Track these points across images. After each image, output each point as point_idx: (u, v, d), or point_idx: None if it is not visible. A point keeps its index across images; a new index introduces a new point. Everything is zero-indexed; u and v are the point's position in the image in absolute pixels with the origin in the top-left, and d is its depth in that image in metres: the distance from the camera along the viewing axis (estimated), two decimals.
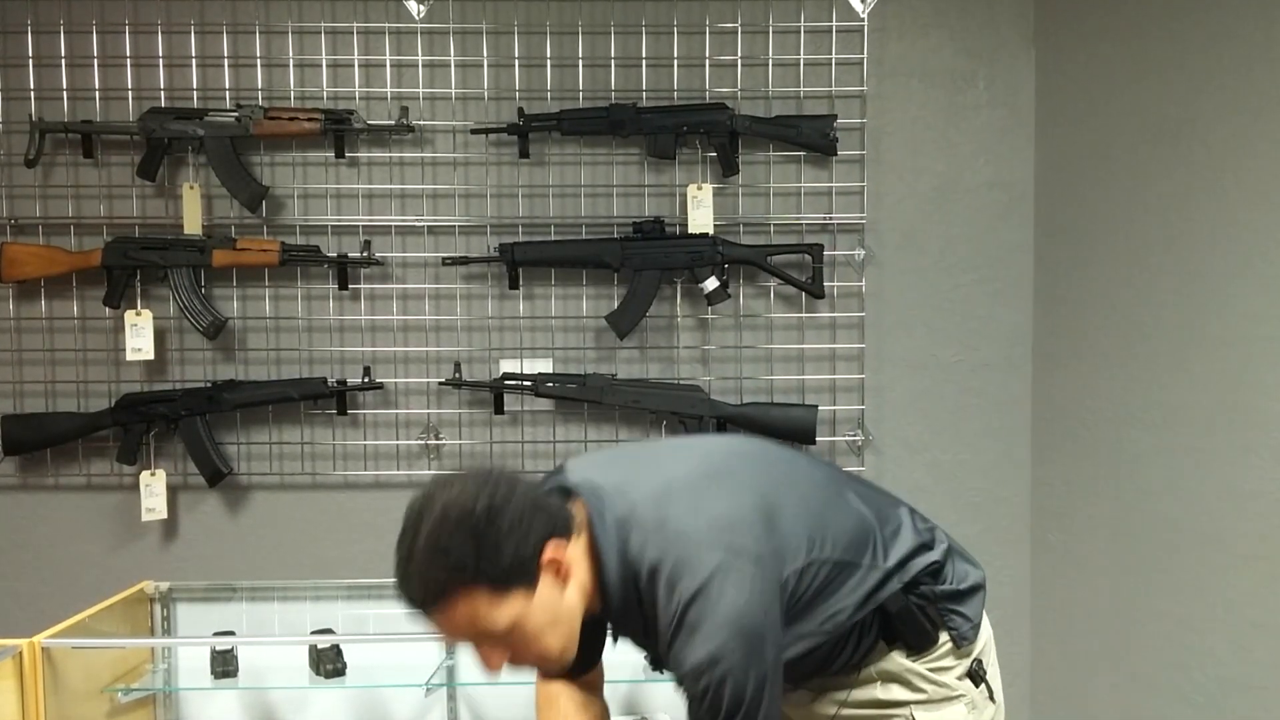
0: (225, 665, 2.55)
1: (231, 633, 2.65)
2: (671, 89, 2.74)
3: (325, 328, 2.78)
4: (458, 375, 2.74)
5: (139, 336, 2.68)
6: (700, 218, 2.70)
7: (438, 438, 2.80)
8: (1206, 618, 2.29)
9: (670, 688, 1.85)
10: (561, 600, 1.30)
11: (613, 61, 2.74)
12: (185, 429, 2.71)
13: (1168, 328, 2.39)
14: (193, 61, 2.74)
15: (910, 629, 1.48)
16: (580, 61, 2.74)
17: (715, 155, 2.73)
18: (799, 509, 1.39)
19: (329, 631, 2.62)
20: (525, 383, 2.73)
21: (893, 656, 1.50)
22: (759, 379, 2.80)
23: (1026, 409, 2.83)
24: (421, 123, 2.74)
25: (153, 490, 2.73)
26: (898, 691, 1.51)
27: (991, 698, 1.58)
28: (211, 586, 2.73)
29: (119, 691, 2.48)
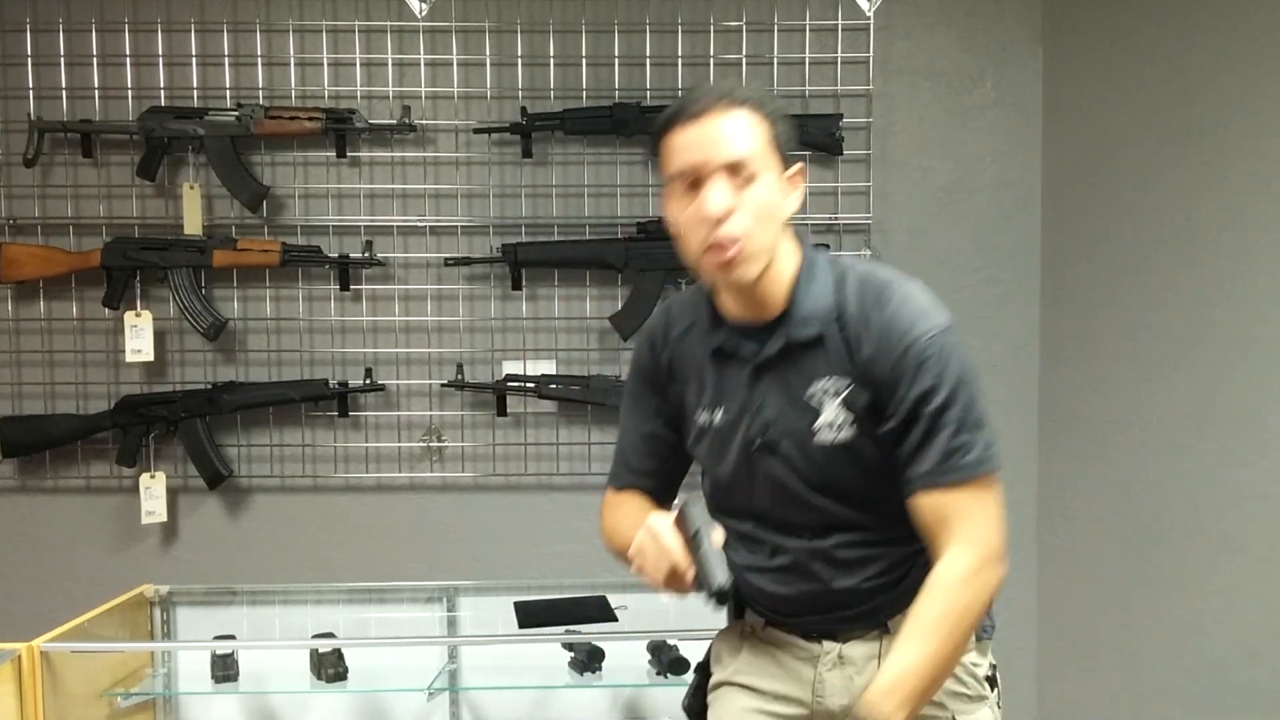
0: (226, 669, 2.53)
1: (232, 636, 2.64)
2: (676, 88, 2.73)
3: (326, 329, 2.77)
4: (460, 377, 2.73)
5: (138, 338, 2.68)
6: None
7: (440, 440, 2.79)
8: (1215, 621, 2.29)
9: (673, 691, 1.83)
10: (784, 210, 1.40)
11: (616, 60, 2.73)
12: (185, 431, 2.71)
13: (1176, 328, 2.39)
14: (193, 60, 2.73)
15: None
16: (584, 60, 2.73)
17: None
18: None
19: (330, 635, 2.62)
20: (528, 384, 2.72)
21: None
22: None
23: (1033, 409, 2.81)
24: (424, 122, 2.73)
25: (152, 493, 2.73)
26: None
27: (999, 703, 1.57)
28: (212, 590, 2.72)
29: (118, 696, 2.48)
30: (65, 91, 2.72)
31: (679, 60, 2.73)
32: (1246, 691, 2.20)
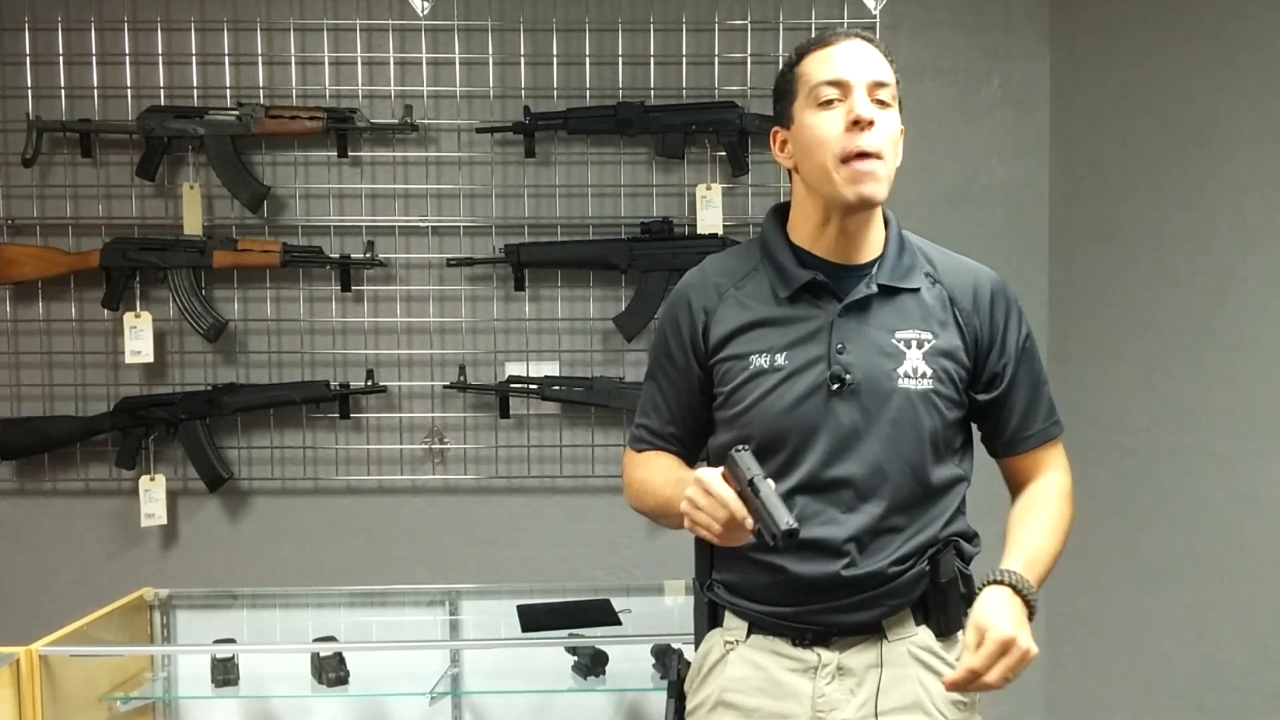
0: (226, 673, 2.51)
1: (232, 640, 2.61)
2: (680, 87, 2.73)
3: (328, 330, 2.77)
4: (462, 378, 2.72)
5: (138, 339, 2.67)
6: (709, 218, 2.68)
7: (442, 442, 2.78)
8: (1225, 625, 2.28)
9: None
10: (900, 149, 1.48)
11: (620, 59, 2.73)
12: (185, 433, 2.70)
13: (1185, 330, 2.38)
14: (193, 59, 2.72)
15: (950, 603, 1.47)
16: (587, 59, 2.72)
17: (725, 154, 2.70)
18: None
19: (331, 639, 2.59)
20: (531, 386, 2.71)
21: (921, 634, 1.47)
22: None
23: None
24: (426, 121, 2.72)
25: (152, 495, 2.72)
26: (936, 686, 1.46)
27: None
28: (212, 593, 2.71)
29: (118, 700, 2.46)
30: (64, 91, 2.71)
31: (683, 59, 2.72)
32: (1256, 694, 2.19)
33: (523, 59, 2.73)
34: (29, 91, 2.70)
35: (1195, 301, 2.35)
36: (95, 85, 2.71)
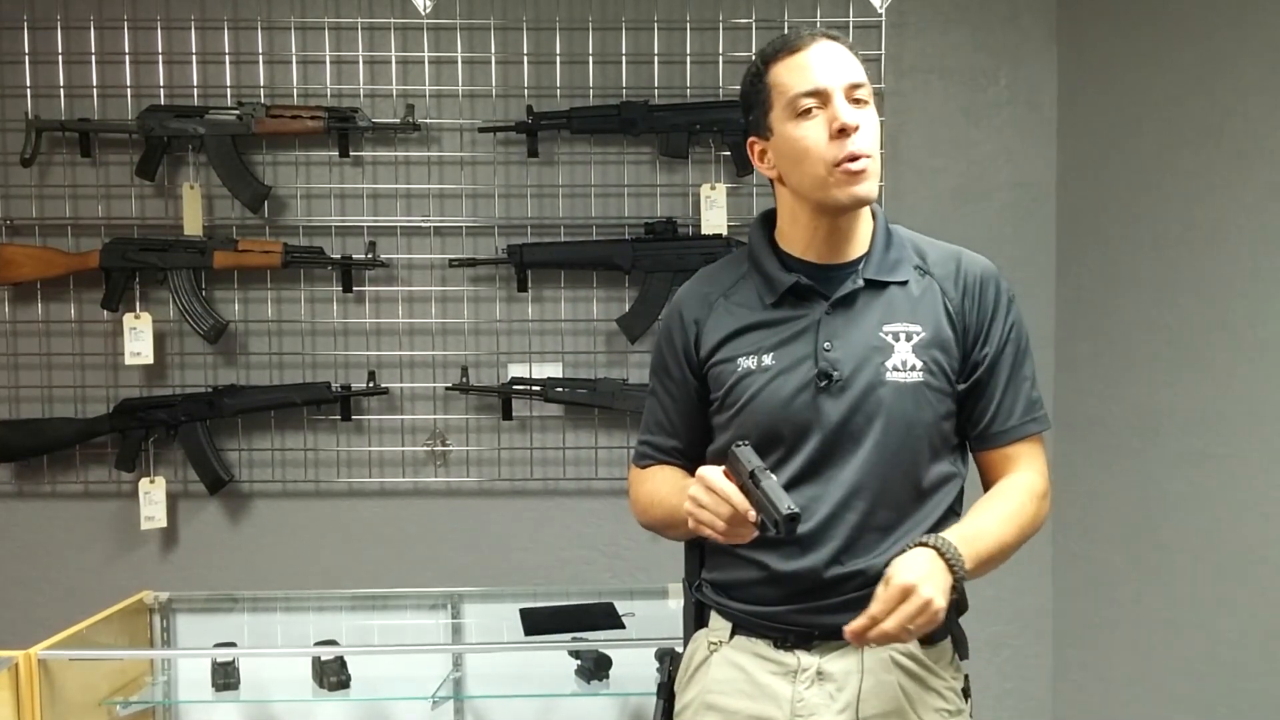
0: (226, 677, 2.52)
1: (233, 644, 2.62)
2: (684, 86, 2.71)
3: (329, 331, 2.76)
4: (465, 380, 2.71)
5: (138, 340, 2.66)
6: (714, 218, 2.67)
7: (444, 444, 2.77)
8: (1235, 630, 2.26)
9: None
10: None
11: (624, 58, 2.71)
12: (185, 435, 2.69)
13: (1194, 330, 2.37)
14: (193, 58, 2.71)
15: None
16: (590, 58, 2.71)
17: (729, 154, 2.70)
18: None
19: (333, 643, 2.60)
20: (534, 388, 2.71)
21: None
22: None
23: (1048, 414, 2.74)
24: (428, 121, 2.71)
25: (152, 498, 2.71)
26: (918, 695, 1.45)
27: (971, 714, 1.54)
28: (212, 597, 2.71)
29: (117, 704, 2.46)
30: (63, 90, 2.70)
31: (687, 58, 2.71)
32: (1265, 701, 2.18)
33: (526, 58, 2.72)
34: (28, 91, 2.69)
35: (1204, 302, 2.34)
36: (94, 84, 2.70)
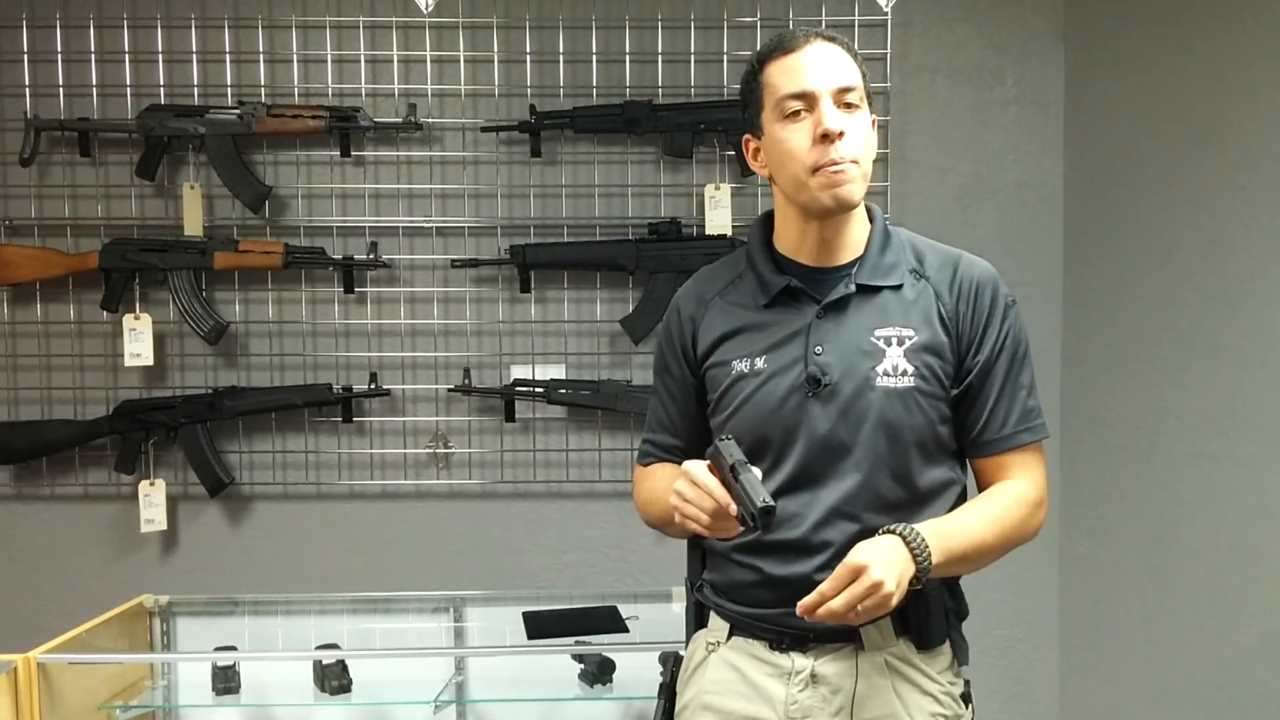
0: (227, 681, 2.51)
1: (233, 648, 2.62)
2: (688, 85, 2.70)
3: (330, 332, 2.75)
4: (467, 381, 2.71)
5: (138, 341, 2.66)
6: (718, 218, 2.66)
7: (447, 446, 2.76)
8: (1242, 632, 2.26)
9: None
10: (874, 146, 1.48)
11: (628, 57, 2.71)
12: (185, 437, 2.69)
13: (1201, 331, 2.36)
14: (193, 57, 2.71)
15: (932, 615, 1.45)
16: (594, 57, 2.70)
17: (734, 154, 2.69)
18: None
19: (334, 646, 2.59)
20: (537, 389, 2.70)
21: (900, 645, 1.45)
22: None
23: (1055, 415, 2.76)
24: (430, 120, 2.71)
25: (152, 500, 2.71)
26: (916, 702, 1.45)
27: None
28: (213, 600, 2.70)
29: (117, 709, 2.45)
30: (62, 89, 2.69)
31: (691, 57, 2.70)
32: (1273, 704, 2.18)
33: (528, 57, 2.71)
34: (27, 90, 2.68)
35: (1212, 302, 2.33)
36: (94, 83, 2.69)
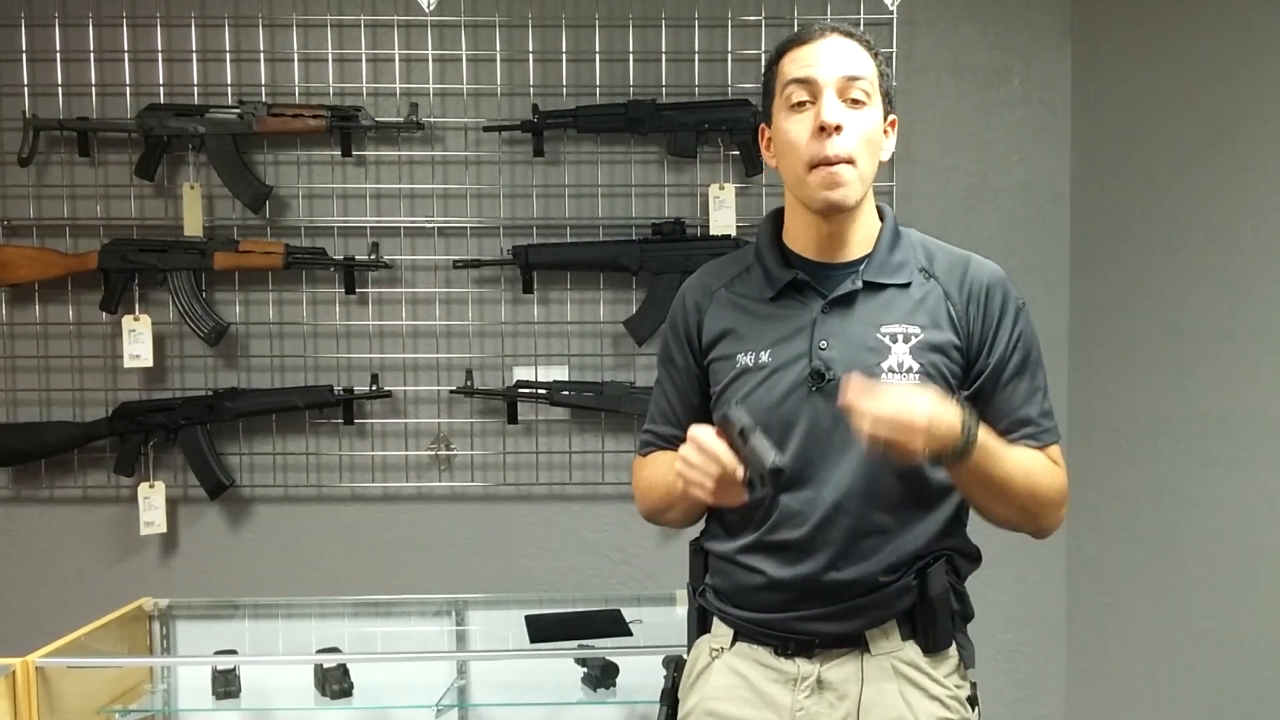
0: (227, 685, 2.49)
1: (234, 651, 2.60)
2: (692, 85, 2.70)
3: (331, 333, 2.75)
4: (469, 383, 2.70)
5: (137, 342, 2.65)
6: (722, 219, 2.65)
7: (448, 448, 2.76)
8: (1250, 635, 2.25)
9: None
10: (882, 145, 1.48)
11: (631, 56, 2.70)
12: (185, 439, 2.68)
13: (1210, 333, 2.36)
14: (193, 56, 2.70)
15: (939, 618, 1.44)
16: (597, 56, 2.70)
17: (738, 154, 2.68)
18: None
19: (335, 650, 2.58)
20: (540, 391, 2.69)
21: (906, 649, 1.45)
22: None
23: (1062, 417, 2.68)
24: (432, 120, 2.70)
25: (151, 503, 2.70)
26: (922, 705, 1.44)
27: None
28: (213, 603, 2.68)
29: (116, 713, 2.44)
30: (61, 88, 2.68)
31: (695, 56, 2.69)
32: None
33: (531, 56, 2.70)
34: (25, 89, 2.67)
35: (1220, 303, 2.32)
36: (93, 83, 2.68)
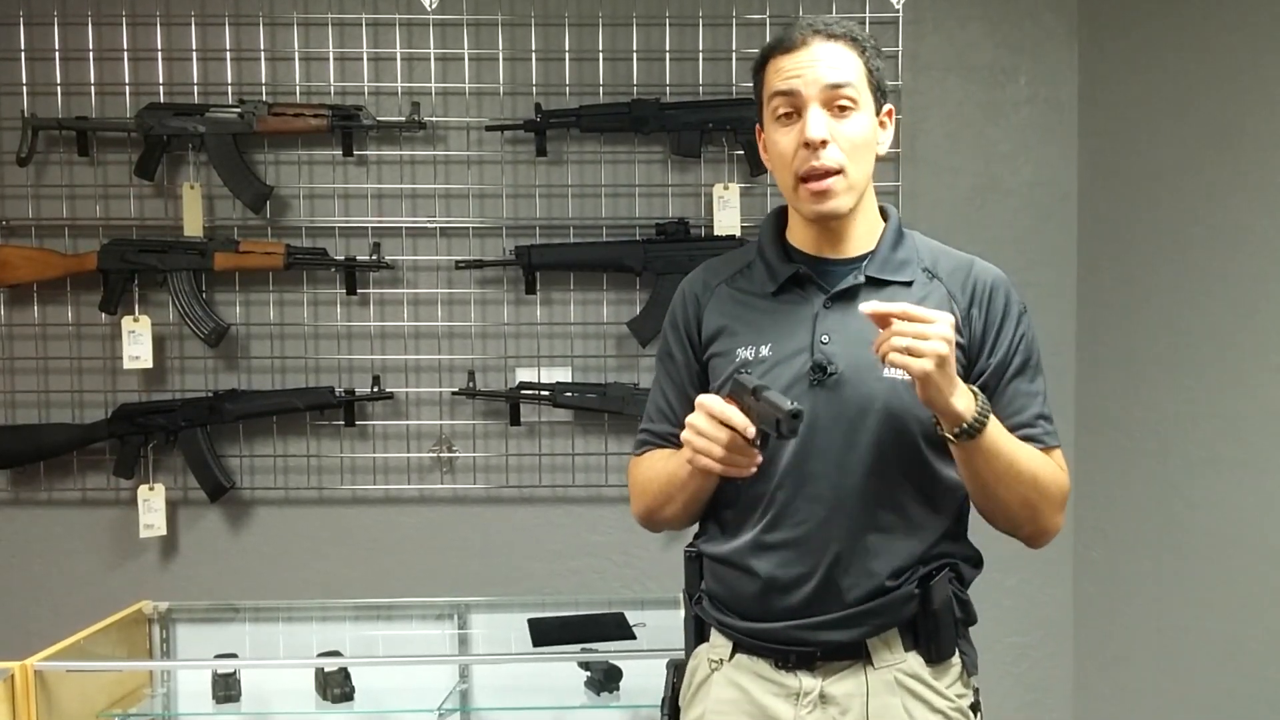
0: (227, 689, 2.49)
1: (234, 655, 2.60)
2: (696, 84, 2.69)
3: (332, 334, 2.74)
4: (471, 385, 2.69)
5: (137, 344, 2.65)
6: (727, 219, 2.64)
7: (450, 450, 2.75)
8: (1258, 637, 2.25)
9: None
10: (875, 146, 1.46)
11: (634, 55, 2.69)
12: (185, 441, 2.68)
13: (1218, 334, 2.35)
14: (193, 55, 2.69)
15: (942, 628, 1.43)
16: (600, 55, 2.69)
17: (742, 153, 2.67)
18: None
19: (336, 654, 2.58)
20: (543, 392, 2.68)
21: (909, 660, 1.43)
22: None
23: (1069, 419, 2.75)
24: (434, 119, 2.69)
25: (151, 505, 2.69)
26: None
27: None
28: (213, 606, 2.68)
29: (115, 717, 2.43)
30: (60, 87, 2.68)
31: (700, 55, 2.68)
32: None
33: (534, 54, 2.69)
34: (24, 88, 2.67)
35: (1228, 303, 2.32)
36: (92, 82, 2.67)
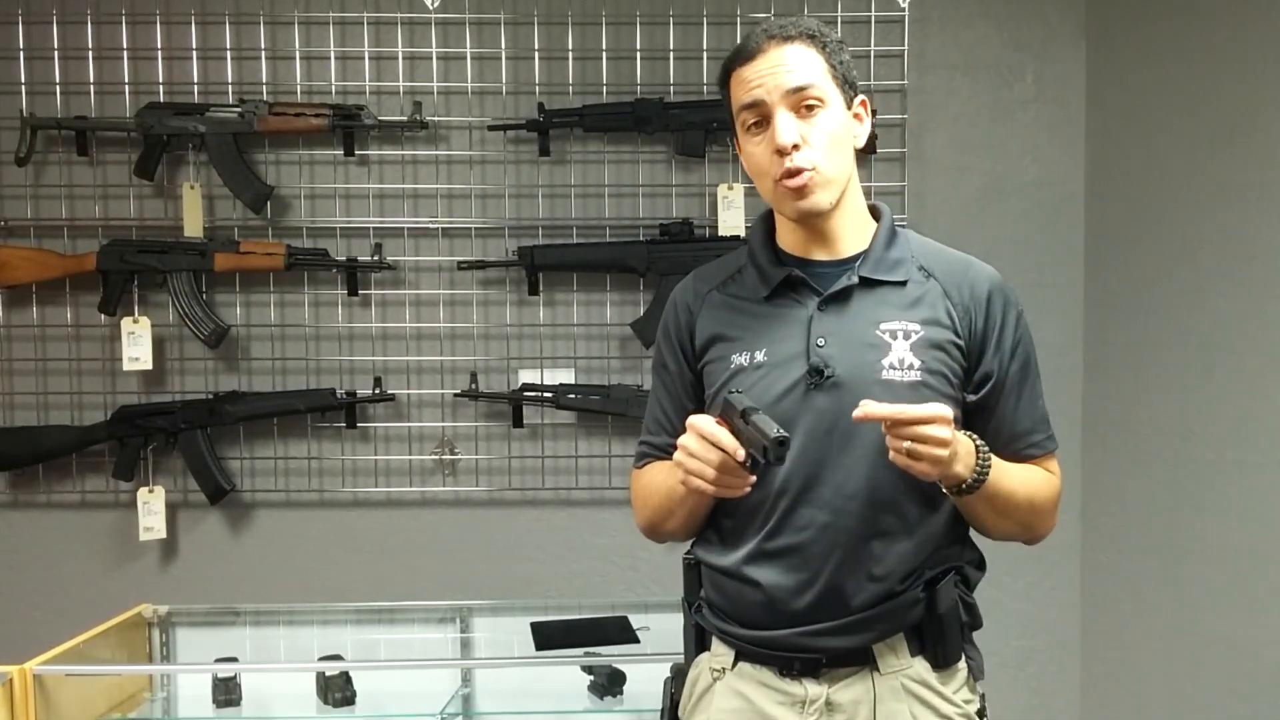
0: (228, 693, 2.49)
1: (234, 659, 2.59)
2: (700, 83, 2.68)
3: (333, 336, 2.73)
4: (474, 386, 2.69)
5: (136, 345, 2.64)
6: (731, 219, 2.63)
7: (453, 452, 2.74)
8: (1267, 642, 2.25)
9: None
10: (851, 140, 1.46)
11: (638, 54, 2.68)
12: (185, 443, 2.67)
13: (1226, 336, 2.35)
14: (193, 54, 2.69)
15: (948, 632, 1.42)
16: (604, 54, 2.68)
17: None
18: None
19: (337, 658, 2.57)
20: (545, 394, 2.68)
21: (916, 665, 1.43)
22: None
23: (1076, 421, 2.75)
24: (436, 119, 2.68)
25: (151, 508, 2.69)
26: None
27: None
28: (213, 610, 2.68)
29: None
30: (59, 87, 2.67)
31: (704, 54, 2.67)
32: None
33: (537, 54, 2.68)
34: (23, 88, 2.66)
35: (1237, 304, 2.31)
36: (92, 81, 2.67)
